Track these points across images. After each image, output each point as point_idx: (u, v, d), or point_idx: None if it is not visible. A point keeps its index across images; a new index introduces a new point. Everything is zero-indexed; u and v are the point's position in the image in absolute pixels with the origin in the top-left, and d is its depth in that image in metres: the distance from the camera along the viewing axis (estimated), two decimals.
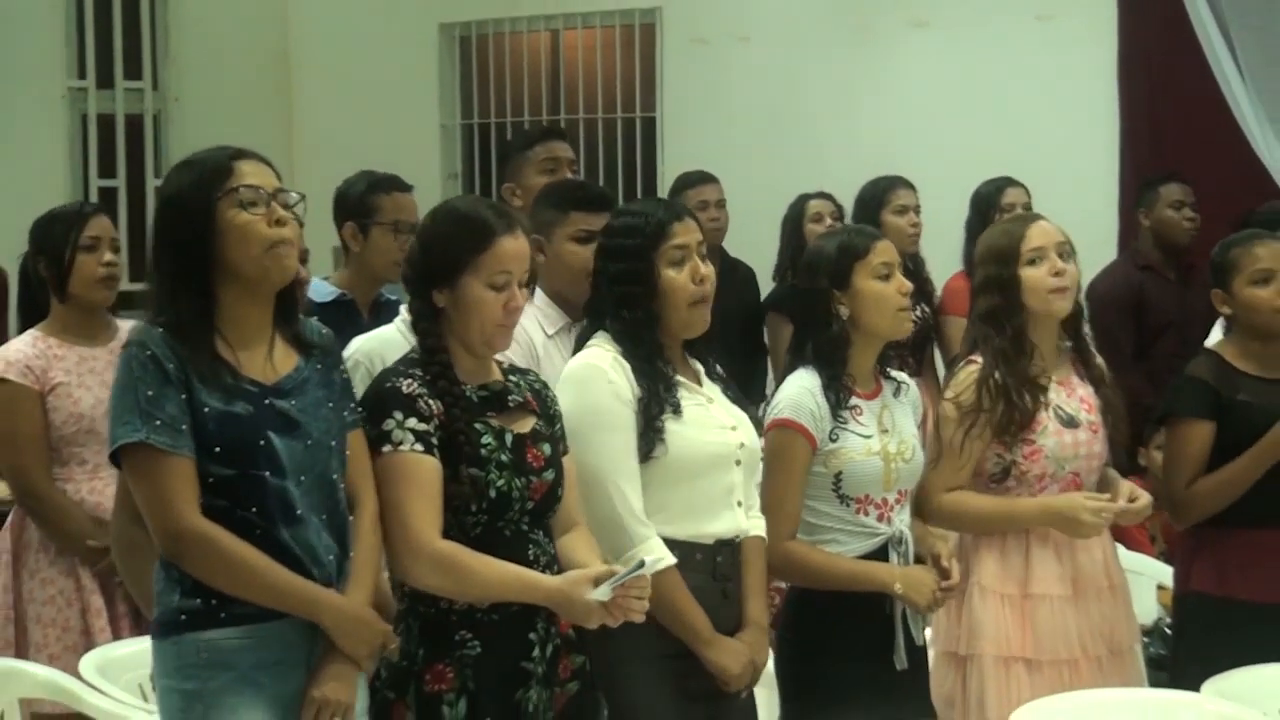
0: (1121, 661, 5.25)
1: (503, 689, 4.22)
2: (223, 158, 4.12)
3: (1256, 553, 5.40)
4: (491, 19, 12.45)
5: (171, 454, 3.97)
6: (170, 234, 4.10)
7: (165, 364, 3.98)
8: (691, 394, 4.68)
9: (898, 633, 4.92)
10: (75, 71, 12.37)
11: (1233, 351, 5.55)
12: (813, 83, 11.05)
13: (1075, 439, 5.20)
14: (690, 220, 4.74)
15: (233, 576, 4.00)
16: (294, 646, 4.08)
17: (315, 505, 4.10)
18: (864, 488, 4.92)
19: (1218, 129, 9.65)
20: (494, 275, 4.25)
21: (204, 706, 4.03)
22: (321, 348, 4.24)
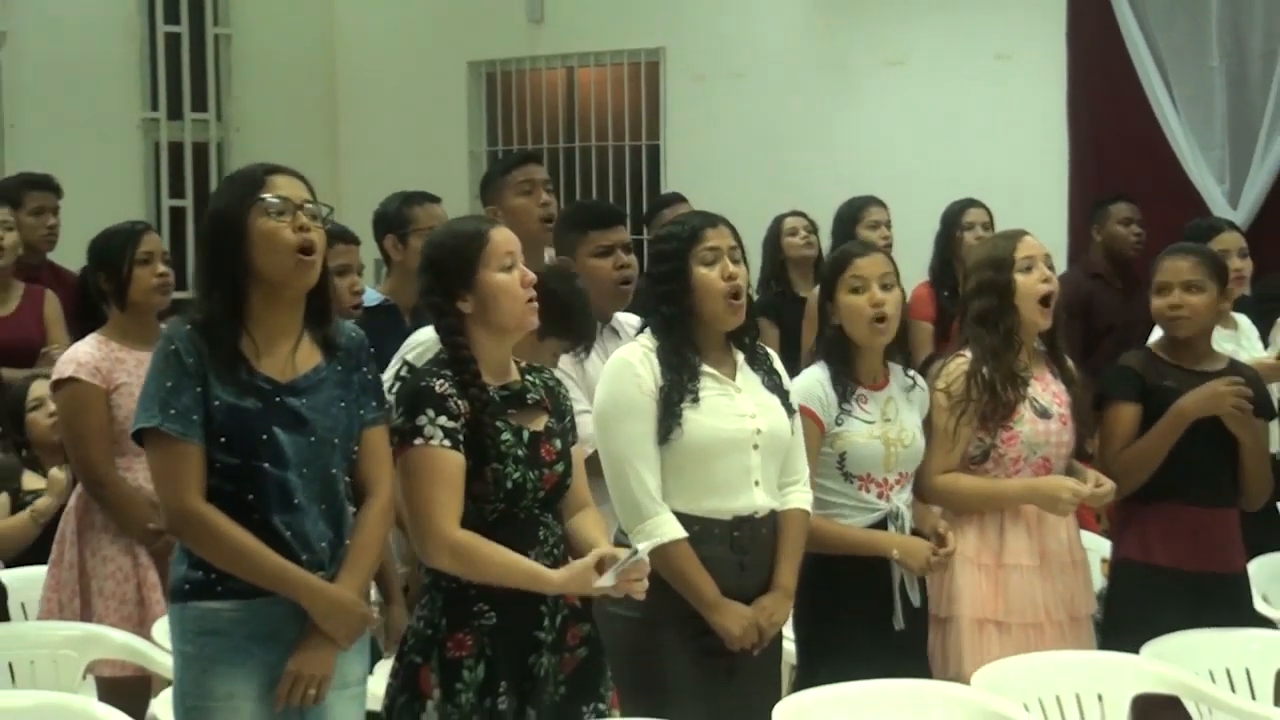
0: (1079, 627, 5.25)
1: (516, 655, 4.20)
2: (258, 172, 4.12)
3: (1174, 524, 5.40)
4: (514, 57, 12.48)
5: (181, 441, 3.98)
6: (209, 240, 4.11)
7: (185, 358, 3.98)
8: (719, 383, 4.67)
9: (896, 597, 4.96)
10: (149, 104, 12.46)
11: (1163, 347, 5.56)
12: (798, 114, 11.09)
13: (1047, 428, 5.21)
14: (724, 227, 4.73)
15: (224, 555, 4.01)
16: (284, 621, 4.06)
17: (315, 495, 4.08)
18: (865, 467, 4.97)
19: (1154, 154, 9.74)
20: (501, 260, 4.23)
21: (199, 668, 4.05)
22: (348, 350, 4.20)
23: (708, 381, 4.64)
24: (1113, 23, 9.89)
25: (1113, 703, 4.99)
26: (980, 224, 7.93)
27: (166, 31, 12.45)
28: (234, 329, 4.03)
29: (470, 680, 4.17)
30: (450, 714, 4.15)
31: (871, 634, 4.91)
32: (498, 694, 4.17)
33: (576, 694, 4.28)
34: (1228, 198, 9.48)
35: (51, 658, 5.29)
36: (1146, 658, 5.13)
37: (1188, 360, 5.50)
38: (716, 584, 4.57)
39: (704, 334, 4.68)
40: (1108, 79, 9.98)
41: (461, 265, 4.23)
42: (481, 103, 12.71)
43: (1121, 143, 9.92)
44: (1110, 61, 9.94)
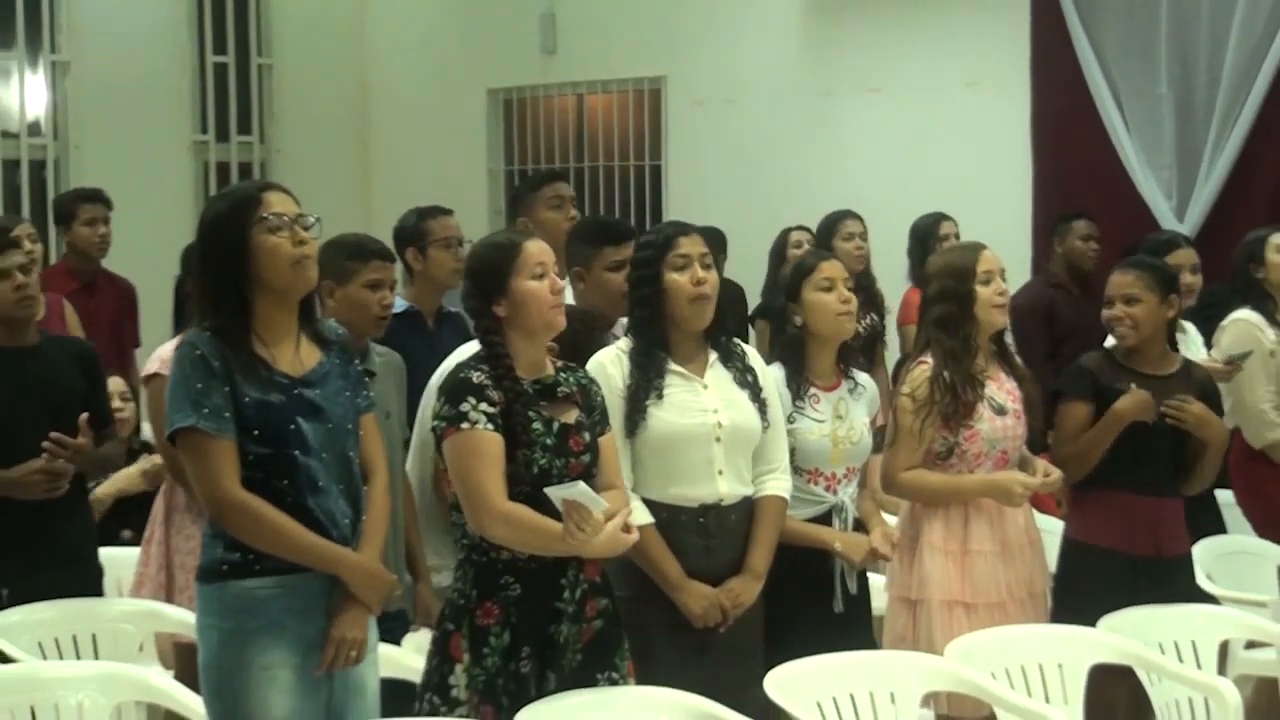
0: (1037, 604, 5.27)
1: (538, 623, 4.21)
2: (252, 189, 4.15)
3: (1113, 509, 5.42)
4: (529, 85, 12.48)
5: (216, 436, 3.99)
6: (211, 254, 4.11)
7: (211, 361, 3.99)
8: (685, 380, 4.67)
9: (836, 584, 4.95)
10: (199, 128, 12.47)
11: (1120, 351, 5.55)
12: (787, 136, 11.08)
13: (1004, 424, 5.21)
14: (696, 235, 4.74)
15: (268, 537, 4.02)
16: (316, 596, 4.08)
17: (335, 477, 4.11)
18: (813, 462, 4.95)
19: (1108, 173, 9.74)
20: (532, 269, 4.24)
21: (239, 642, 4.04)
22: (339, 344, 4.25)
23: (674, 379, 4.64)
24: (1072, 54, 9.90)
25: (1072, 672, 5.00)
26: (952, 235, 7.97)
27: (215, 62, 12.49)
28: (246, 333, 4.06)
29: (496, 645, 4.18)
30: (477, 676, 4.17)
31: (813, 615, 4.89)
32: (520, 659, 4.19)
33: (592, 662, 4.28)
34: (1175, 213, 9.47)
35: (113, 631, 5.30)
36: (1102, 631, 5.15)
37: (1141, 364, 5.50)
38: (685, 566, 4.57)
39: (676, 334, 4.69)
40: (1067, 105, 9.97)
41: (497, 273, 4.26)
42: (499, 126, 12.72)
43: (1079, 163, 9.90)
44: (1070, 89, 9.94)
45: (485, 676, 4.18)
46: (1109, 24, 9.83)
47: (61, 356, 5.54)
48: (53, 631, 5.18)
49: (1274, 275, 6.77)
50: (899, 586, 5.15)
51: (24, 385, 5.35)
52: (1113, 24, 9.82)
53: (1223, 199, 9.43)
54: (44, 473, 5.25)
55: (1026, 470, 5.28)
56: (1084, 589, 5.36)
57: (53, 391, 5.38)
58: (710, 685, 4.45)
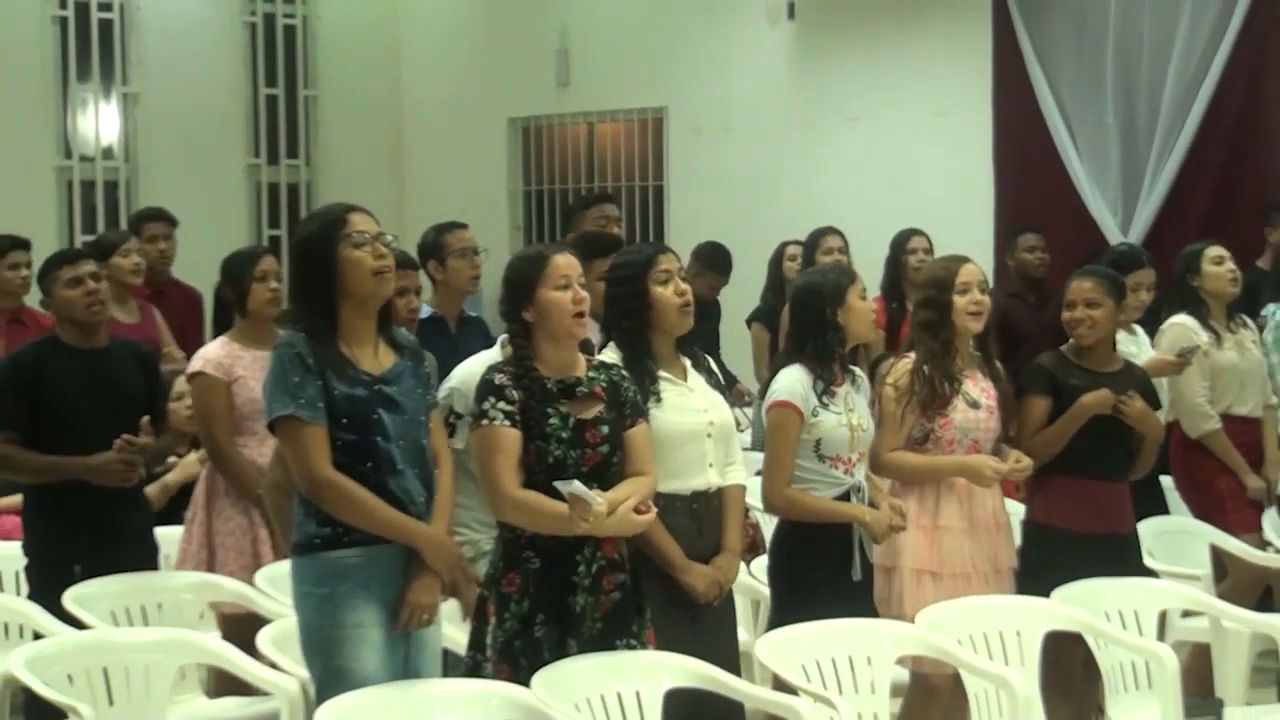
0: (1001, 577, 5.23)
1: (554, 594, 4.20)
2: (339, 211, 4.21)
3: (1069, 493, 5.40)
4: (544, 114, 12.45)
5: (311, 424, 4.04)
6: (304, 267, 4.18)
7: (306, 359, 4.05)
8: (674, 385, 4.64)
9: (855, 555, 4.93)
10: (253, 152, 12.49)
11: (1072, 351, 5.53)
12: (775, 160, 11.05)
13: (976, 416, 5.19)
14: (671, 254, 4.73)
15: (357, 512, 4.06)
16: (395, 564, 4.11)
17: (411, 461, 4.15)
18: (836, 449, 4.92)
19: (1061, 193, 9.74)
20: (557, 280, 4.24)
21: (332, 605, 4.08)
22: (411, 349, 4.29)
23: (664, 384, 4.61)
24: (1029, 88, 9.89)
25: (1028, 638, 4.99)
26: (922, 249, 7.92)
27: (266, 93, 12.50)
28: (334, 336, 4.11)
29: (515, 611, 4.19)
30: (498, 636, 4.20)
31: (833, 585, 4.87)
32: (536, 625, 4.19)
33: (611, 630, 4.27)
34: (1120, 228, 9.47)
35: (175, 601, 5.33)
36: (1056, 602, 5.13)
37: (1091, 362, 5.49)
38: (680, 547, 4.56)
39: (658, 343, 4.65)
40: (1024, 132, 9.96)
41: (526, 283, 4.26)
42: (518, 151, 12.67)
43: (1035, 183, 9.89)
44: (1026, 119, 9.93)
45: (504, 638, 4.20)
46: (1061, 61, 9.84)
47: (126, 358, 5.56)
48: (123, 602, 5.19)
49: (1208, 284, 6.76)
50: (878, 555, 5.12)
51: (93, 384, 5.38)
52: (1065, 61, 9.83)
53: (1162, 215, 9.42)
54: (121, 462, 5.28)
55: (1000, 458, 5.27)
56: (1044, 565, 5.34)
57: (118, 389, 5.41)
58: (698, 647, 4.45)
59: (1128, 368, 5.60)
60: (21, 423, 5.32)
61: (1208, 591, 5.97)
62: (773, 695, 4.40)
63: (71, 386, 5.35)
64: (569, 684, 4.12)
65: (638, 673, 4.27)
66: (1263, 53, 9.18)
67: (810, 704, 4.33)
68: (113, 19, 11.78)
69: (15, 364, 5.49)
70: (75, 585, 5.11)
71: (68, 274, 5.42)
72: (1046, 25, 9.88)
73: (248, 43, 12.40)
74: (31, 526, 5.52)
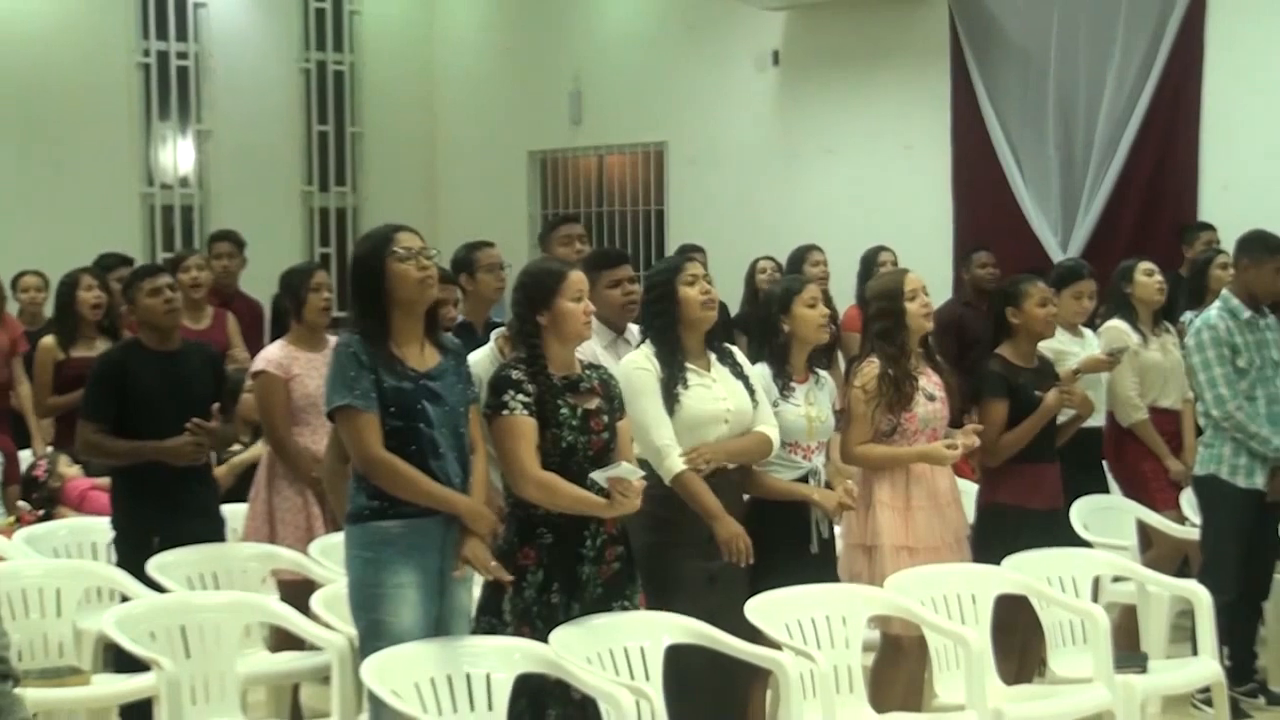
0: (961, 547, 5.21)
1: (565, 564, 4.22)
2: (388, 230, 4.25)
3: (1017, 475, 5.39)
4: (560, 148, 12.44)
5: (365, 412, 4.07)
6: (359, 280, 4.21)
7: (361, 357, 4.09)
8: (699, 376, 4.63)
9: (813, 530, 4.90)
10: (307, 181, 12.48)
11: (1011, 352, 5.49)
12: (762, 187, 11.05)
13: (934, 408, 5.15)
14: (698, 262, 4.76)
15: (405, 486, 4.08)
16: (434, 534, 4.12)
17: (451, 446, 4.16)
18: (794, 436, 4.89)
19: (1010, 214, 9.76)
20: (573, 294, 4.26)
21: (377, 567, 4.10)
22: (454, 351, 4.31)
23: (691, 375, 4.61)
24: (982, 124, 9.91)
25: (982, 601, 5.01)
26: (890, 263, 7.90)
27: (319, 130, 12.50)
28: (384, 340, 4.14)
29: (532, 581, 4.19)
30: (518, 603, 4.19)
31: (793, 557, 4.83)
32: (551, 592, 4.20)
33: (609, 594, 4.28)
34: (1060, 246, 9.48)
35: (241, 568, 5.36)
36: (1005, 569, 5.14)
37: (1023, 360, 5.48)
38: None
39: (687, 338, 4.64)
40: (978, 163, 9.97)
41: (545, 291, 4.27)
42: (537, 180, 12.65)
43: (987, 206, 9.90)
44: (980, 151, 9.94)
45: (524, 605, 4.19)
46: (1010, 102, 9.85)
47: (195, 358, 5.58)
48: (197, 569, 5.21)
49: (1140, 292, 6.77)
50: (855, 536, 5.10)
51: (168, 381, 5.39)
52: (1012, 102, 9.84)
53: (1095, 234, 9.44)
54: (191, 444, 5.31)
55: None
56: (995, 537, 5.32)
57: (189, 385, 5.42)
58: (714, 607, 4.46)
59: (1044, 361, 5.61)
60: (110, 414, 5.34)
61: (1134, 560, 5.97)
62: (760, 650, 4.39)
63: (150, 383, 5.36)
64: (582, 641, 4.14)
65: (641, 631, 4.29)
66: (1179, 96, 9.21)
67: (792, 657, 4.35)
68: (188, 66, 11.83)
69: (105, 365, 5.52)
70: (156, 555, 5.13)
71: (148, 286, 5.44)
72: (997, 72, 9.90)
73: (303, 87, 12.42)
74: (117, 504, 5.53)
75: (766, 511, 4.86)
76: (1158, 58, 9.21)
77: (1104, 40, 9.39)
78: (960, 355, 7.44)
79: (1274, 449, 5.94)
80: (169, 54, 11.74)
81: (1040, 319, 5.46)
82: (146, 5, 11.63)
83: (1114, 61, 9.36)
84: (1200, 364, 6.03)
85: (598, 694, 3.99)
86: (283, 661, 5.23)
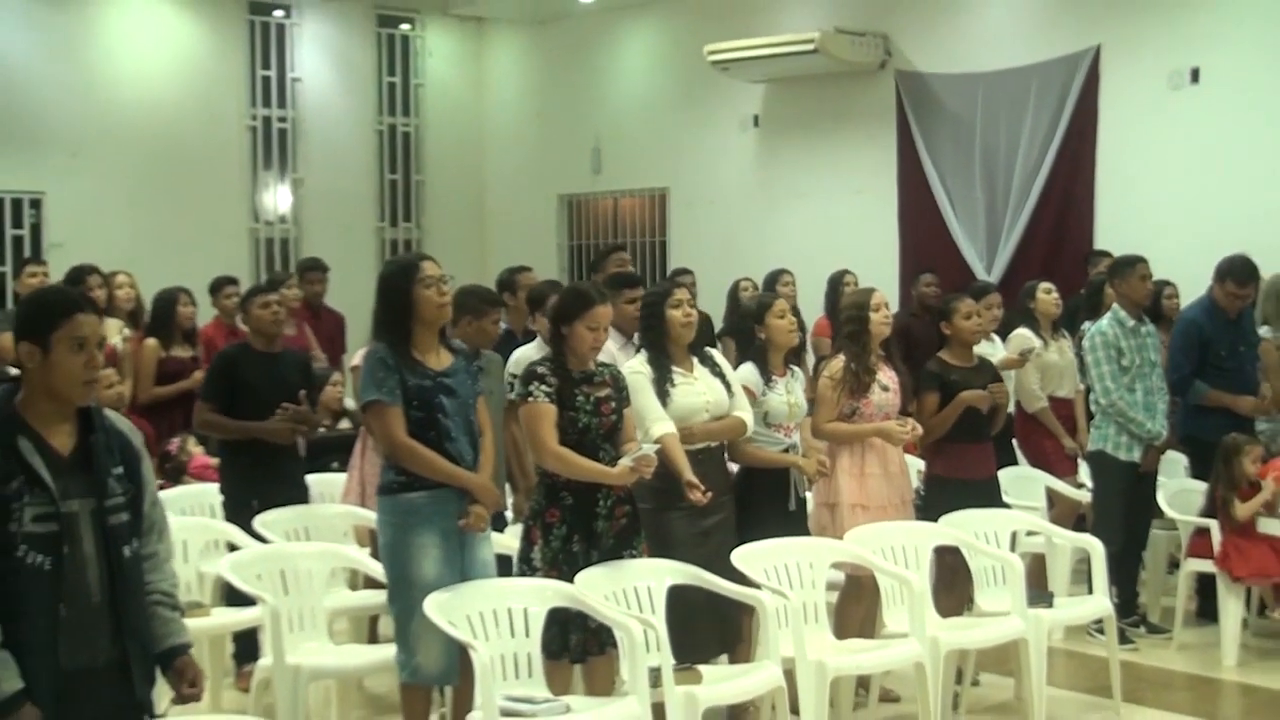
0: (905, 507, 5.18)
1: (584, 520, 4.21)
2: (414, 258, 4.20)
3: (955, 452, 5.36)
4: (583, 192, 12.40)
5: (391, 405, 4.03)
6: (388, 298, 4.15)
7: (388, 361, 4.06)
8: (684, 376, 4.62)
9: (791, 491, 4.90)
10: (380, 218, 12.43)
11: (948, 354, 5.48)
12: (746, 224, 11.00)
13: (887, 397, 5.14)
14: (683, 288, 4.73)
15: (424, 465, 4.05)
16: (450, 504, 4.09)
17: (463, 431, 4.12)
18: (778, 419, 4.89)
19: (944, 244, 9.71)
20: (590, 323, 4.23)
21: (404, 530, 4.08)
22: (464, 353, 4.25)
23: (677, 377, 4.59)
24: (922, 172, 9.86)
25: (923, 551, 5.00)
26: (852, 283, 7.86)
27: (389, 178, 12.47)
28: (406, 347, 4.09)
29: (557, 534, 4.19)
30: (546, 552, 4.19)
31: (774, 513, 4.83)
32: (573, 543, 4.19)
33: (619, 544, 4.27)
34: (985, 270, 9.43)
35: (329, 525, 5.34)
36: (942, 526, 5.13)
37: (960, 361, 5.46)
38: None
39: (673, 349, 4.63)
40: (919, 203, 9.91)
41: (571, 313, 4.25)
42: (565, 217, 12.61)
43: (927, 238, 9.84)
44: (920, 193, 9.89)
45: (551, 553, 4.19)
46: (944, 156, 9.81)
47: (291, 359, 5.62)
48: (292, 525, 5.20)
49: (1040, 306, 6.84)
50: (821, 496, 5.08)
51: (268, 375, 5.43)
52: (946, 155, 9.80)
53: (1013, 260, 9.38)
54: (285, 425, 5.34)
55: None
56: (936, 501, 5.30)
57: (285, 380, 5.44)
58: (706, 557, 4.44)
59: (983, 362, 5.59)
60: (223, 399, 5.38)
61: (1043, 518, 5.96)
62: (744, 589, 4.39)
63: (255, 377, 5.39)
64: (600, 582, 4.14)
65: (647, 574, 4.29)
66: (1078, 151, 9.16)
67: (770, 595, 4.34)
68: (286, 128, 11.83)
69: (221, 360, 5.57)
70: (255, 515, 5.12)
71: (260, 301, 5.54)
72: (934, 132, 9.85)
73: (377, 144, 12.39)
74: (225, 473, 5.57)
75: (754, 478, 4.87)
76: (1061, 122, 9.19)
77: (1019, 108, 9.35)
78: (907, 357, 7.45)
79: (1147, 431, 5.99)
80: (271, 119, 11.76)
81: (967, 329, 5.46)
82: (254, 80, 11.67)
83: (1026, 125, 9.33)
84: (1093, 362, 6.10)
85: (614, 624, 3.98)
86: (361, 597, 5.23)
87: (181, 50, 11.37)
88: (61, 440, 2.72)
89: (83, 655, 2.69)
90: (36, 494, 2.63)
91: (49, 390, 2.71)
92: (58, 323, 2.70)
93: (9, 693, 2.58)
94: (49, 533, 2.64)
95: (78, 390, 2.72)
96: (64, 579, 2.65)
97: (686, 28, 11.32)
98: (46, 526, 2.64)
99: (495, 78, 13.01)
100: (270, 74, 11.74)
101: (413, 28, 12.61)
